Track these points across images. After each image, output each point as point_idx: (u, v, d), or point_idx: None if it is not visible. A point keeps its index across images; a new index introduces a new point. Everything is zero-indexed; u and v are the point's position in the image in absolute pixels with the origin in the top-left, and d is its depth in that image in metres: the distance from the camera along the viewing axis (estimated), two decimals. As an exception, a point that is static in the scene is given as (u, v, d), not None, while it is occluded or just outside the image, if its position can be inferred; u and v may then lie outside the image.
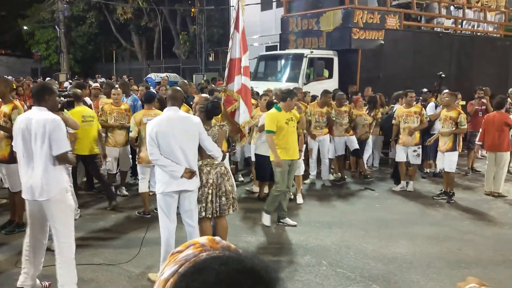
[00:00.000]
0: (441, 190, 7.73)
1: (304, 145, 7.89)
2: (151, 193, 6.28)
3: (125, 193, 7.47)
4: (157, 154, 4.23)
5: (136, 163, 6.49)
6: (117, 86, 7.94)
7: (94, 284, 4.39)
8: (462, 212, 7.00)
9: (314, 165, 8.52)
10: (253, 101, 6.91)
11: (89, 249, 5.23)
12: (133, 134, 6.20)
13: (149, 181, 6.43)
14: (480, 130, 8.33)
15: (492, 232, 6.14)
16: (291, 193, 7.39)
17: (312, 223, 6.35)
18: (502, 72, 14.24)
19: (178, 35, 33.24)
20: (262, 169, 7.25)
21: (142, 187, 6.44)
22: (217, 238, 0.94)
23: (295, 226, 6.14)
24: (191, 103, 6.76)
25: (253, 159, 7.70)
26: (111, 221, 6.30)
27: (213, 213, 4.68)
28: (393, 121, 8.24)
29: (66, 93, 5.64)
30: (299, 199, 7.27)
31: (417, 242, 5.67)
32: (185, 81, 12.96)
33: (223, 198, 4.69)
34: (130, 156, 7.49)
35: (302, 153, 7.49)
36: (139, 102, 7.92)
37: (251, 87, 7.29)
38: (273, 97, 8.45)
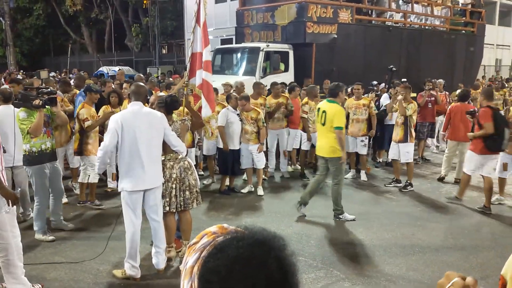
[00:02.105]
0: (393, 179, 8.09)
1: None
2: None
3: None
4: (110, 146, 4.19)
5: (84, 155, 6.46)
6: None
7: (57, 284, 4.32)
8: (414, 199, 7.35)
9: (273, 158, 8.67)
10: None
11: (50, 248, 5.13)
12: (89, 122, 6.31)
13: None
14: (444, 120, 8.75)
15: (443, 217, 6.50)
16: (251, 186, 7.55)
17: (273, 214, 6.50)
18: (449, 64, 14.95)
19: (130, 28, 32.50)
20: (225, 162, 7.33)
21: (83, 177, 6.50)
22: (225, 224, 1.06)
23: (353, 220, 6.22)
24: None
25: (205, 153, 7.80)
26: (73, 219, 6.18)
27: (177, 208, 4.71)
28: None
29: (49, 90, 5.41)
30: (260, 191, 7.41)
31: (373, 229, 5.93)
32: (141, 75, 12.76)
33: (187, 192, 4.74)
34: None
35: (264, 147, 7.61)
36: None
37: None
38: (232, 90, 8.53)
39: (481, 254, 5.17)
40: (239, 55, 12.59)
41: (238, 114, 7.21)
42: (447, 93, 11.53)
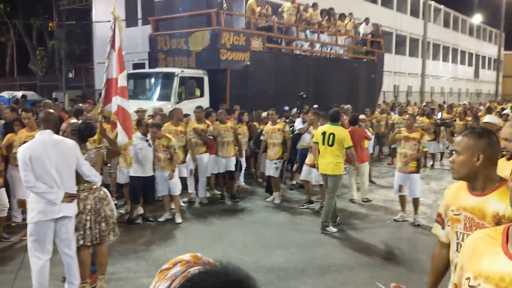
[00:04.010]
0: (306, 200, 8.40)
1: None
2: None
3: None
4: (33, 181, 3.96)
5: None
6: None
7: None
8: (328, 219, 7.67)
9: (192, 184, 8.60)
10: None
11: None
12: None
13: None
14: None
15: (356, 235, 6.86)
16: (169, 213, 7.41)
17: (192, 242, 6.43)
18: (353, 90, 15.98)
19: (35, 50, 30.75)
20: (136, 190, 7.14)
21: None
22: (199, 254, 1.04)
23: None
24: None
25: (123, 181, 7.57)
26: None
27: (92, 240, 4.50)
28: (262, 137, 8.79)
29: None
30: (178, 219, 7.29)
31: (291, 250, 6.09)
32: (47, 100, 12.07)
33: (103, 224, 4.54)
34: None
35: (176, 172, 7.49)
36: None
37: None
38: (147, 116, 8.39)
39: (394, 269, 5.51)
40: (153, 80, 12.43)
41: (147, 140, 7.08)
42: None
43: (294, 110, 11.04)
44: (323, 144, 6.98)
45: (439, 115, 12.25)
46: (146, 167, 7.10)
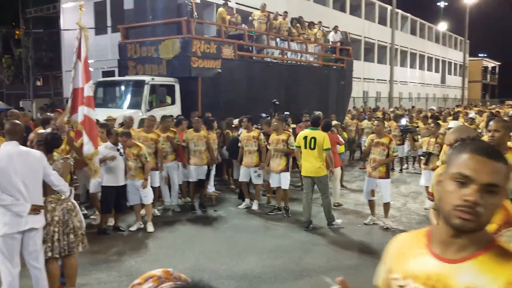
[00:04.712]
0: (275, 206, 8.49)
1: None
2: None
3: None
4: None
5: None
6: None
7: None
8: (299, 223, 7.74)
9: (167, 192, 8.55)
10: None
11: None
12: None
13: None
14: None
15: (327, 240, 6.96)
16: (141, 222, 7.34)
17: (164, 251, 6.39)
18: (323, 97, 16.20)
19: (1, 59, 30.02)
20: (108, 200, 7.05)
21: None
22: (170, 270, 1.05)
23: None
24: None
25: (92, 190, 7.48)
26: None
27: (61, 252, 4.43)
28: (240, 144, 8.83)
29: None
30: (150, 228, 7.23)
31: (263, 256, 6.13)
32: (14, 110, 11.81)
33: (71, 236, 4.49)
34: None
35: (149, 181, 7.44)
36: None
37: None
38: (117, 125, 8.31)
39: (365, 272, 5.59)
40: (123, 88, 12.31)
41: (118, 149, 7.02)
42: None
43: (264, 115, 11.12)
44: (305, 148, 7.38)
45: (403, 122, 12.55)
46: (118, 177, 7.02)
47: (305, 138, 7.43)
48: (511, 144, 4.27)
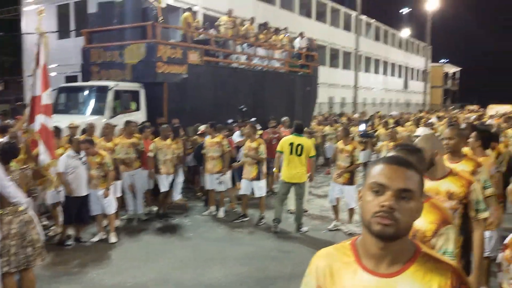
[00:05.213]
0: (240, 213, 8.47)
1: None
2: None
3: None
4: None
5: None
6: None
7: None
8: (265, 230, 7.75)
9: (131, 200, 8.41)
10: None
11: None
12: None
13: None
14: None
15: (292, 247, 6.98)
16: (103, 233, 7.18)
17: (128, 262, 6.25)
18: (289, 102, 16.34)
19: (-44, 62, 28.91)
20: (70, 211, 6.86)
21: None
22: None
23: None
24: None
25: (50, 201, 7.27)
26: None
27: (18, 266, 4.28)
28: (203, 151, 8.78)
29: None
30: (113, 238, 7.07)
31: (229, 264, 6.10)
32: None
33: (29, 249, 4.35)
34: None
35: (111, 191, 7.28)
36: None
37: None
38: (77, 132, 8.11)
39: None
40: (86, 94, 12.03)
41: (81, 158, 6.86)
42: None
43: (230, 121, 11.12)
44: (291, 154, 7.47)
45: (361, 127, 12.78)
46: (81, 186, 6.85)
47: (291, 144, 7.50)
48: (466, 151, 4.42)
